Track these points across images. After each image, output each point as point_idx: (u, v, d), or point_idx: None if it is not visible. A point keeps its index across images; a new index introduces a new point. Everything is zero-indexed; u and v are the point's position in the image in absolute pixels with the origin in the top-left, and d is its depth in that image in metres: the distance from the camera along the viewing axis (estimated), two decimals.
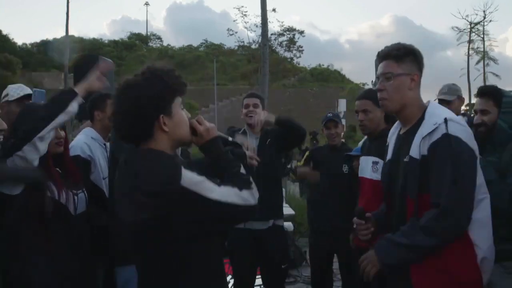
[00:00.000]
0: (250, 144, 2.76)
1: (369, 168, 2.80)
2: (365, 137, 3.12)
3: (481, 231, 1.76)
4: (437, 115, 1.79)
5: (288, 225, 5.69)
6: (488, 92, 2.51)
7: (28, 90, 2.96)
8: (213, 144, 1.63)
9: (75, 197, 2.06)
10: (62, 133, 2.13)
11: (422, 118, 1.86)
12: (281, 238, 3.25)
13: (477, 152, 1.79)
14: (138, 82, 1.51)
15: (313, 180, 3.72)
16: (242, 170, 1.62)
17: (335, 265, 3.72)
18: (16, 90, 2.91)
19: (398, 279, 1.84)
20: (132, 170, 1.50)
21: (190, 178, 1.43)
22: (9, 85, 3.03)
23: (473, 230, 1.74)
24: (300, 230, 6.26)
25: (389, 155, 2.03)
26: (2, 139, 1.95)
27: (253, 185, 1.59)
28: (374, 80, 2.02)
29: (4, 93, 2.97)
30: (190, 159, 2.93)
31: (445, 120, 1.73)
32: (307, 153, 4.45)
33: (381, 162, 2.64)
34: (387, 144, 2.12)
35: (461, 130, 1.75)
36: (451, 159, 1.69)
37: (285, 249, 3.31)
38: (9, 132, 1.97)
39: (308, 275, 4.59)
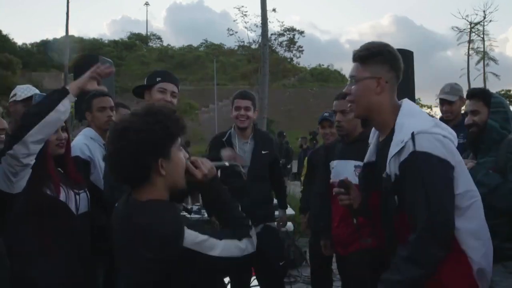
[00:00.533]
0: (239, 158, 2.76)
1: (349, 172, 2.68)
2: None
3: (472, 241, 1.63)
4: (404, 130, 1.63)
5: (288, 225, 5.69)
6: (477, 94, 2.58)
7: (35, 91, 2.98)
8: (212, 186, 1.61)
9: (77, 197, 2.05)
10: (64, 134, 2.12)
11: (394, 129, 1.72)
12: (274, 237, 3.19)
13: (453, 160, 1.63)
14: (137, 125, 1.45)
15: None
16: (239, 211, 1.63)
17: (335, 265, 3.71)
18: (24, 90, 2.95)
19: None
20: (133, 227, 1.46)
21: (192, 239, 1.42)
22: (18, 86, 3.09)
23: (464, 241, 1.62)
24: (300, 230, 6.26)
25: (367, 158, 1.91)
26: (3, 138, 1.95)
27: (252, 231, 1.59)
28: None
29: (12, 93, 3.00)
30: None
31: (412, 136, 1.59)
32: (305, 162, 4.45)
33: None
34: (369, 144, 1.99)
35: (431, 141, 1.59)
36: (421, 179, 1.57)
37: (279, 247, 3.23)
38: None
39: (308, 275, 4.58)
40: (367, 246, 2.54)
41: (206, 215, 4.00)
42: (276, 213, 3.53)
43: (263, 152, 3.16)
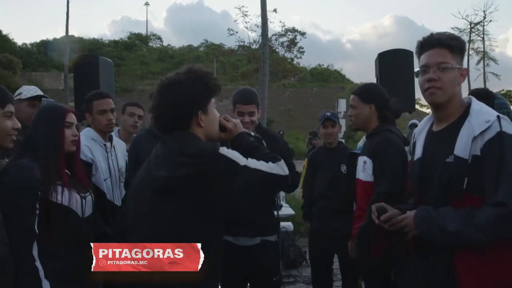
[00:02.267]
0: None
1: (360, 168, 2.71)
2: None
3: None
4: (486, 112, 1.67)
5: (288, 225, 5.70)
6: (480, 94, 2.56)
7: (40, 93, 3.01)
8: (242, 137, 1.86)
9: (83, 201, 2.06)
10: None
11: (464, 115, 1.73)
12: (272, 251, 2.87)
13: None
14: (182, 80, 1.71)
15: None
16: (268, 152, 1.80)
17: (335, 265, 3.71)
18: (30, 90, 2.96)
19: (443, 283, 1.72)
20: (174, 142, 1.69)
21: (225, 149, 1.66)
22: (24, 86, 3.11)
23: None
24: (300, 230, 6.26)
25: (418, 154, 1.89)
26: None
27: (281, 160, 1.77)
28: (416, 71, 1.86)
29: (17, 92, 2.99)
30: None
31: (498, 118, 1.63)
32: (304, 162, 4.39)
33: (368, 161, 2.62)
34: (413, 141, 1.99)
35: None
36: (506, 160, 1.57)
37: (277, 261, 2.92)
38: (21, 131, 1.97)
39: (308, 275, 4.59)
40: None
41: None
42: (285, 211, 3.34)
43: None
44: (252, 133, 2.02)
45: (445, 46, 1.74)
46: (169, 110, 1.70)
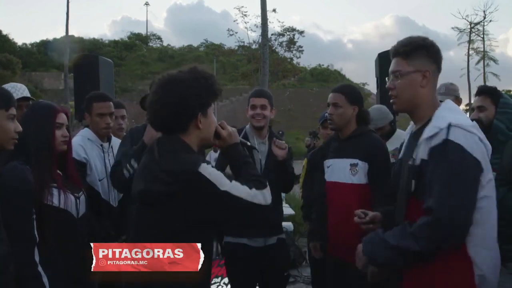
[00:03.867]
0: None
1: (346, 171, 2.61)
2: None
3: (481, 249, 1.63)
4: (442, 119, 1.66)
5: (288, 225, 5.69)
6: (487, 90, 2.56)
7: (22, 92, 2.78)
8: (235, 148, 1.79)
9: (77, 201, 2.06)
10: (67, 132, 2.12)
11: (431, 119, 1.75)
12: (285, 249, 3.16)
13: (484, 164, 1.62)
14: (186, 78, 1.64)
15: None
16: (256, 171, 1.76)
17: None
18: (17, 90, 2.74)
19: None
20: (159, 152, 1.63)
21: (207, 168, 1.58)
22: (3, 85, 2.93)
23: (473, 247, 1.61)
24: (300, 230, 6.26)
25: (400, 154, 1.93)
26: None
27: (267, 188, 1.70)
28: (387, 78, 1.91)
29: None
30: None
31: (449, 125, 1.60)
32: (304, 162, 4.38)
33: (361, 163, 2.56)
34: (403, 141, 2.00)
35: (466, 138, 1.59)
36: (448, 167, 1.57)
37: (287, 257, 3.21)
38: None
39: (308, 275, 4.59)
40: None
41: None
42: (285, 211, 3.38)
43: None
44: (248, 143, 1.96)
45: (398, 54, 1.79)
46: (170, 108, 1.63)
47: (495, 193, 1.70)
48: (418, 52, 1.76)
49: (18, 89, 2.76)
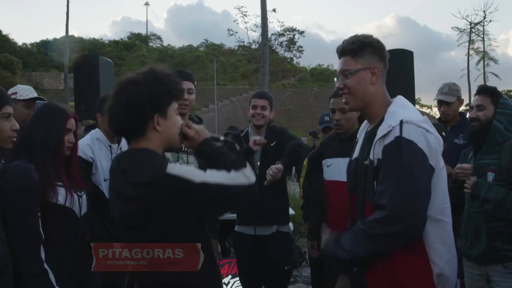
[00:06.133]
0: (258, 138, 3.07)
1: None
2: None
3: (438, 246, 1.61)
4: (394, 116, 1.65)
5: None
6: (487, 90, 2.57)
7: (36, 94, 3.01)
8: (206, 145, 1.68)
9: (80, 199, 2.08)
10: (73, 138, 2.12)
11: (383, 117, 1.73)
12: (285, 242, 3.23)
13: (434, 162, 1.61)
14: (138, 79, 1.57)
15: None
16: (233, 159, 1.63)
17: None
18: (26, 91, 2.94)
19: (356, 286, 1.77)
20: (121, 167, 1.56)
21: (175, 166, 1.49)
22: (19, 85, 3.06)
23: (430, 244, 1.60)
24: (300, 230, 6.27)
25: (355, 153, 1.90)
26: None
27: (246, 167, 1.60)
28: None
29: (12, 90, 2.97)
30: None
31: (401, 123, 1.60)
32: (305, 162, 4.39)
33: None
34: (356, 141, 1.98)
35: (418, 134, 1.60)
36: (400, 162, 1.56)
37: (289, 252, 3.31)
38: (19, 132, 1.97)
39: (308, 275, 4.59)
40: None
41: None
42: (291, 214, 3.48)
43: (271, 144, 3.20)
44: (221, 137, 1.90)
45: (345, 53, 1.77)
46: (123, 111, 1.55)
47: (447, 188, 1.69)
48: (365, 49, 1.75)
49: (32, 92, 3.00)
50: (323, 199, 2.84)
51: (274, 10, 30.97)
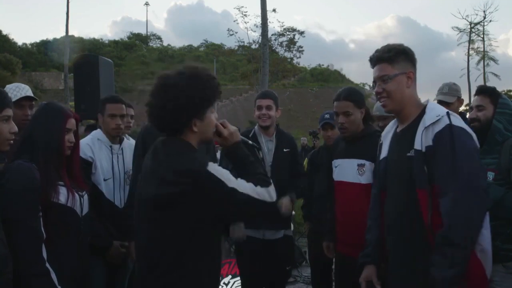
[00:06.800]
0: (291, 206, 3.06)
1: (353, 171, 2.68)
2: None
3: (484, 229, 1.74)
4: (437, 109, 1.85)
5: None
6: (486, 90, 2.59)
7: (26, 92, 2.79)
8: (237, 148, 1.80)
9: (81, 199, 2.08)
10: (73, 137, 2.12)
11: (422, 114, 1.89)
12: (290, 246, 3.33)
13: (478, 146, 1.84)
14: (182, 84, 1.64)
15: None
16: (260, 169, 1.78)
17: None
18: (13, 91, 2.74)
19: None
20: (163, 153, 1.66)
21: (214, 166, 1.61)
22: (7, 85, 2.86)
23: None
24: (300, 230, 6.27)
25: (383, 153, 2.03)
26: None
27: (271, 185, 1.72)
28: (372, 84, 2.04)
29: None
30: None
31: (448, 113, 1.79)
32: (305, 162, 4.40)
33: (368, 163, 2.62)
34: (380, 143, 2.11)
35: (463, 123, 1.80)
36: (456, 148, 1.72)
37: (292, 254, 3.40)
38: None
39: (308, 275, 4.59)
40: None
41: None
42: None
43: (284, 150, 3.23)
44: (250, 142, 2.00)
45: (382, 60, 1.95)
46: (161, 112, 1.66)
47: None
48: (400, 56, 1.93)
49: (22, 89, 2.79)
50: (331, 198, 2.90)
51: (274, 10, 31.00)
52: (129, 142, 3.13)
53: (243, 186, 1.63)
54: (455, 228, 1.66)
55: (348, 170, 2.72)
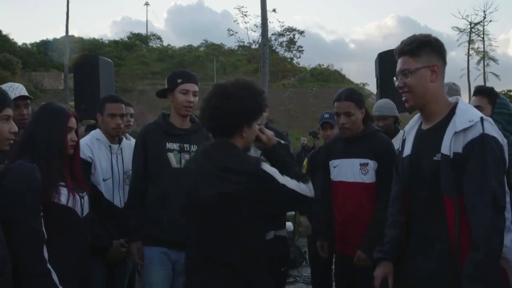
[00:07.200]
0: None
1: (355, 171, 2.69)
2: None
3: (506, 239, 1.68)
4: (471, 113, 1.72)
5: (288, 225, 5.69)
6: (484, 91, 2.60)
7: (20, 91, 2.76)
8: (274, 150, 1.98)
9: (82, 200, 2.08)
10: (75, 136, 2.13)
11: (451, 114, 1.77)
12: (283, 245, 3.25)
13: (505, 154, 1.72)
14: (242, 95, 1.82)
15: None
16: (297, 169, 1.94)
17: None
18: (8, 91, 2.74)
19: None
20: (219, 154, 1.83)
21: (266, 165, 1.79)
22: (0, 86, 2.90)
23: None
24: (300, 230, 6.26)
25: (407, 151, 1.93)
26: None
27: (310, 181, 1.88)
28: (394, 78, 1.97)
29: None
30: None
31: (481, 119, 1.67)
32: (304, 162, 4.40)
33: (371, 162, 2.63)
34: (403, 138, 2.01)
35: (497, 132, 1.70)
36: (490, 160, 1.63)
37: (286, 254, 3.32)
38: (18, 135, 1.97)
39: (308, 275, 4.59)
40: None
41: None
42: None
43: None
44: (282, 141, 2.13)
45: (404, 53, 1.84)
46: (217, 118, 1.84)
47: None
48: (424, 48, 1.80)
49: (16, 88, 2.77)
50: (327, 200, 2.87)
51: (274, 10, 30.98)
52: (129, 142, 3.13)
53: (289, 182, 1.79)
54: (486, 262, 1.61)
55: (348, 170, 2.73)
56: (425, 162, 1.81)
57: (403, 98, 1.88)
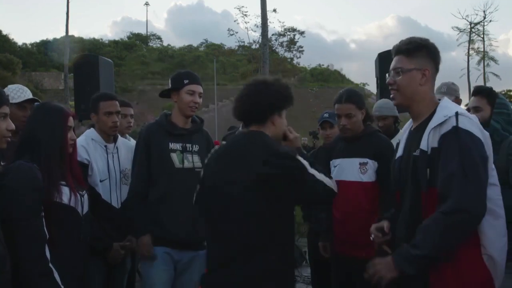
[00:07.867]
0: None
1: (354, 170, 2.71)
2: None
3: (490, 231, 1.67)
4: (448, 108, 1.76)
5: None
6: (483, 91, 2.59)
7: (29, 94, 2.81)
8: (299, 150, 2.03)
9: (82, 198, 2.09)
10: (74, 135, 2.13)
11: (433, 113, 1.81)
12: None
13: (488, 151, 1.71)
14: (275, 84, 1.98)
15: None
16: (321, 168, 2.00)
17: None
18: (17, 92, 2.77)
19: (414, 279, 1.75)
20: (254, 140, 1.90)
21: (299, 156, 1.87)
22: (9, 86, 2.88)
23: (481, 229, 1.67)
24: (300, 230, 6.26)
25: (399, 152, 1.98)
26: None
27: (332, 178, 1.98)
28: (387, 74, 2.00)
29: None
30: None
31: (456, 114, 1.69)
32: None
33: (371, 161, 2.65)
34: (398, 141, 2.06)
35: (473, 125, 1.70)
36: (460, 152, 1.62)
37: None
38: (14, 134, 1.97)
39: (308, 275, 4.59)
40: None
41: None
42: None
43: None
44: (304, 151, 2.17)
45: (400, 52, 1.88)
46: (257, 100, 1.95)
47: (498, 182, 1.76)
48: (419, 51, 1.84)
49: (25, 91, 2.81)
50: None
51: (274, 10, 30.99)
52: (124, 140, 3.10)
53: (318, 174, 1.87)
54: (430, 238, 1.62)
55: (348, 169, 2.74)
56: (408, 159, 1.86)
57: (391, 95, 1.93)
